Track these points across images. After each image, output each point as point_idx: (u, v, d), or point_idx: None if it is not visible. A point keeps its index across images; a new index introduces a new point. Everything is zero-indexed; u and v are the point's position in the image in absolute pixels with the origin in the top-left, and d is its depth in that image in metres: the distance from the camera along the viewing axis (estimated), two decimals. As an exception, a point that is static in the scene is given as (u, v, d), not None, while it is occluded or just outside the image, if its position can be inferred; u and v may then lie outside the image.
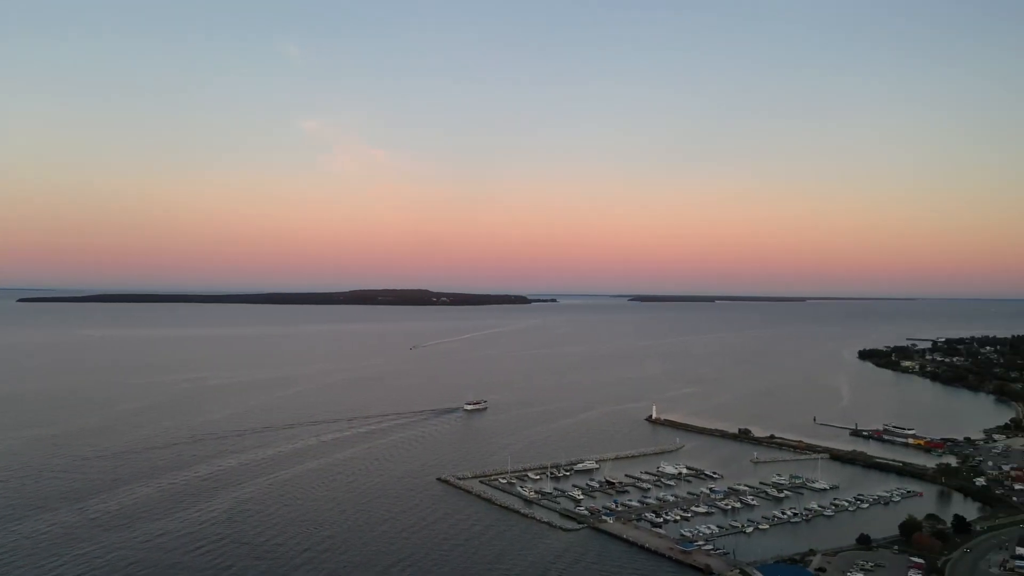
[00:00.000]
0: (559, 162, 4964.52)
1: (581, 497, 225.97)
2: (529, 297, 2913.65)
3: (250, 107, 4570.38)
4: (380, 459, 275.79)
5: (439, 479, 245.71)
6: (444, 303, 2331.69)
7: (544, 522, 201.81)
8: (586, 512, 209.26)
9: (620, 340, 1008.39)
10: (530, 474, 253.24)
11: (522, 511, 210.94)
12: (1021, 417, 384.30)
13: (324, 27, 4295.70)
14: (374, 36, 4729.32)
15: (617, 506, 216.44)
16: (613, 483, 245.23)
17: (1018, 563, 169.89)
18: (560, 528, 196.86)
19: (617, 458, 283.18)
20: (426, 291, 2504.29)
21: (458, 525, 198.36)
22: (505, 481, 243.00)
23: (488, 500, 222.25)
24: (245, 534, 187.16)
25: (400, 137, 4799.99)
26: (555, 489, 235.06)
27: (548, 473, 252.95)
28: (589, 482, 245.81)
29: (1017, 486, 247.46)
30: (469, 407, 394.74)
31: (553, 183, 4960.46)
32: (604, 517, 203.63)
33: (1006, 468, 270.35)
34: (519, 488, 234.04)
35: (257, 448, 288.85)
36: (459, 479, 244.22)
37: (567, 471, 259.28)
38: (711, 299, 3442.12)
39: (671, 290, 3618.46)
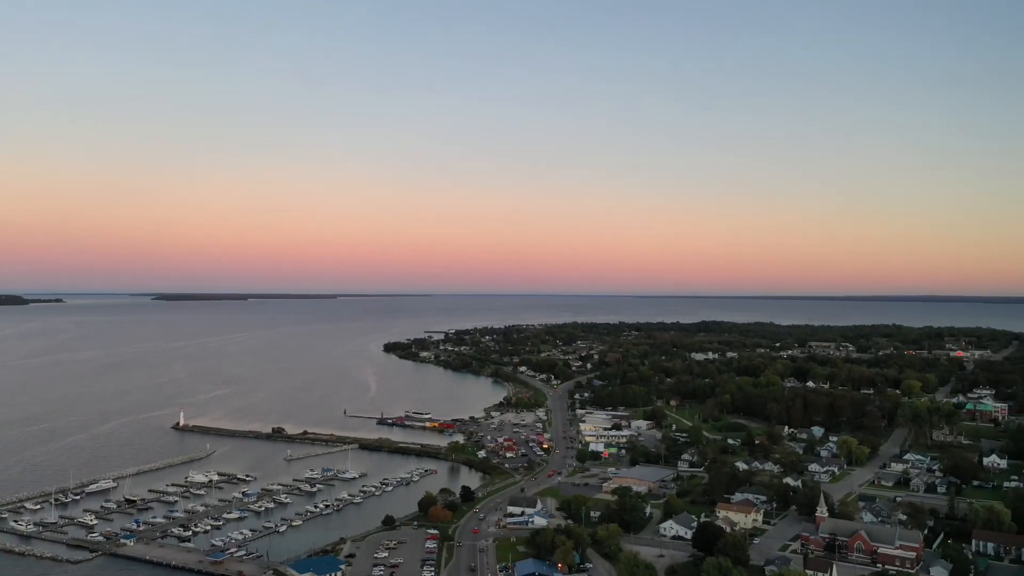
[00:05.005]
0: (66, 139, 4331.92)
1: (95, 522, 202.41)
2: (26, 297, 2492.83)
3: None
4: None
5: None
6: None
7: (47, 557, 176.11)
8: (101, 538, 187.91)
9: (144, 343, 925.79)
10: (27, 504, 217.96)
11: (17, 549, 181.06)
12: (511, 395, 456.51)
13: None
14: None
15: (139, 526, 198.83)
16: (134, 501, 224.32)
17: (508, 519, 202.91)
18: (68, 561, 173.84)
19: (139, 473, 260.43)
20: None
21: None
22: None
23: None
24: None
25: None
26: (61, 517, 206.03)
27: (52, 500, 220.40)
28: (105, 503, 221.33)
29: (508, 455, 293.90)
30: None
31: (53, 168, 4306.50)
32: (123, 540, 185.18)
33: (500, 440, 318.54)
34: (12, 523, 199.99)
35: None
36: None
37: (77, 495, 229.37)
38: (244, 297, 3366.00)
39: (202, 288, 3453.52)
